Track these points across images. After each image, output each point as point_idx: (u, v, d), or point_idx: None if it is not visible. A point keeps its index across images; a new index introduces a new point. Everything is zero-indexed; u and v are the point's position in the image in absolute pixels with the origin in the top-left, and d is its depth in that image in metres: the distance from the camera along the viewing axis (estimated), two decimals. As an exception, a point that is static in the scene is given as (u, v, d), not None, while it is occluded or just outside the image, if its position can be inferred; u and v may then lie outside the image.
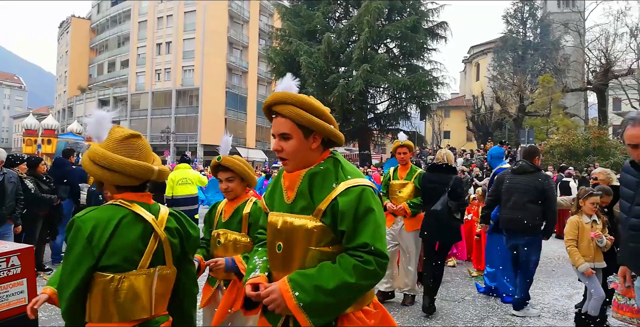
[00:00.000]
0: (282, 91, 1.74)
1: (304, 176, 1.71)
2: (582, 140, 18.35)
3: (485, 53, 49.80)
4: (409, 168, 5.13)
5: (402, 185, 5.06)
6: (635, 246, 2.30)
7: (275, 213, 1.78)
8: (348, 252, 1.62)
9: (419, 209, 4.92)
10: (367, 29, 23.36)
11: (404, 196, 5.01)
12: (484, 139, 31.38)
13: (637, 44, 28.55)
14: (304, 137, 1.71)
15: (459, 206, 4.76)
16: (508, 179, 4.96)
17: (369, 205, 1.62)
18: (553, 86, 29.15)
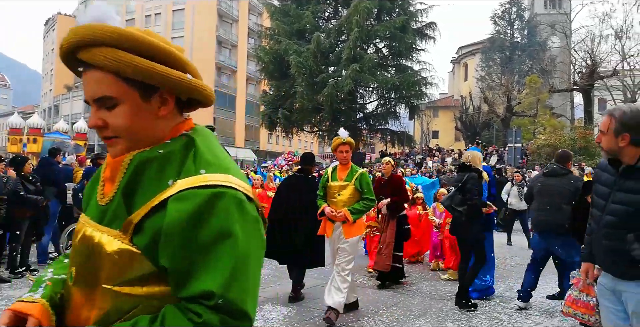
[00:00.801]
0: (90, 24, 1.03)
1: (130, 163, 1.02)
2: (569, 141, 18.60)
3: (474, 54, 50.18)
4: (349, 168, 4.68)
5: (341, 187, 4.61)
6: (609, 243, 2.33)
7: (82, 219, 1.14)
8: (180, 305, 0.93)
9: (361, 214, 4.54)
10: (356, 28, 23.41)
11: (343, 199, 4.57)
12: (472, 139, 31.62)
13: (621, 46, 29.00)
14: (142, 99, 1.02)
15: (465, 199, 4.93)
16: (540, 182, 5.11)
17: (222, 225, 0.92)
18: (540, 87, 29.48)
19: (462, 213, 4.95)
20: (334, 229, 4.58)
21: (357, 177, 4.58)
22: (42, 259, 7.12)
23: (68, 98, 54.27)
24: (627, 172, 2.26)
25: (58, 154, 7.86)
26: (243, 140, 50.10)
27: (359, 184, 4.55)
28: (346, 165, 4.70)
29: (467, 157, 5.29)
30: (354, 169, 4.65)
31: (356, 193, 4.56)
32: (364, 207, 4.49)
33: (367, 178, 4.60)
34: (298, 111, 26.06)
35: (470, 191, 4.92)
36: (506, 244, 9.54)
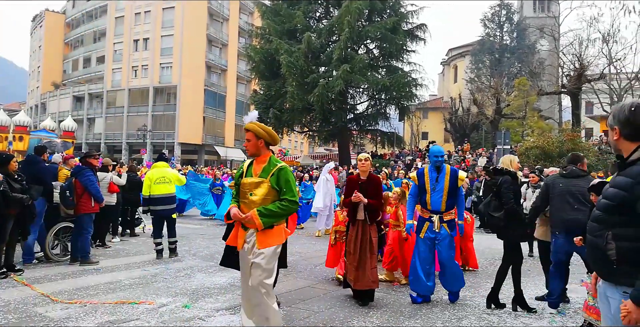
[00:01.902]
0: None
1: None
2: (557, 143, 18.76)
3: (463, 56, 50.54)
4: (266, 161, 3.73)
5: (255, 184, 3.66)
6: (592, 239, 2.33)
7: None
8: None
9: (274, 218, 3.58)
10: (347, 29, 23.40)
11: (256, 199, 3.61)
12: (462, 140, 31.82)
13: (608, 50, 29.40)
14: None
15: (502, 204, 4.97)
16: (562, 183, 5.09)
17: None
18: (528, 89, 29.77)
19: (500, 219, 4.95)
20: (246, 237, 3.68)
21: (274, 173, 3.65)
22: (27, 259, 7.00)
23: (55, 96, 53.60)
24: (621, 167, 2.29)
25: (44, 152, 7.75)
26: (233, 140, 49.88)
27: (275, 181, 3.63)
28: (263, 158, 3.77)
29: (503, 161, 5.31)
30: (273, 163, 3.71)
31: (274, 193, 3.63)
32: (280, 209, 3.55)
33: (287, 174, 3.67)
34: (288, 111, 25.99)
35: (505, 195, 4.92)
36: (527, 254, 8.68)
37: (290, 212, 3.71)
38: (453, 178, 5.29)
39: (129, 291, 5.65)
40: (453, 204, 5.36)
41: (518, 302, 5.16)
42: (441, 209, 5.26)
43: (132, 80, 46.85)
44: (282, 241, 3.71)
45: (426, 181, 5.35)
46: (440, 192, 5.27)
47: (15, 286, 5.74)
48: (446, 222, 5.29)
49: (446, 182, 5.27)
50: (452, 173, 5.32)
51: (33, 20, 62.17)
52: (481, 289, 6.12)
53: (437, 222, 5.26)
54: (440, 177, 5.30)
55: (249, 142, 3.74)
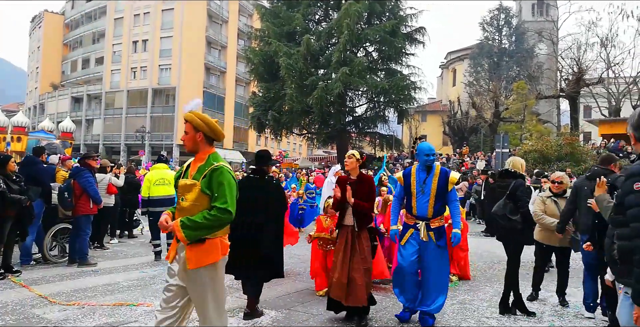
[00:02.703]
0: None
1: None
2: (555, 146, 18.81)
3: (462, 59, 50.64)
4: (204, 159, 3.05)
5: (187, 187, 3.00)
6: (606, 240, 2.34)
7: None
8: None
9: (200, 232, 2.84)
10: (346, 32, 23.43)
11: (186, 206, 2.96)
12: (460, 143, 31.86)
13: (607, 54, 29.50)
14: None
15: (518, 207, 4.94)
16: (586, 185, 5.02)
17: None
18: (527, 93, 29.84)
19: (518, 222, 4.93)
20: (178, 250, 3.00)
21: (206, 174, 2.96)
22: (25, 260, 6.98)
23: (54, 97, 53.52)
24: None
25: (43, 153, 7.73)
26: (231, 142, 49.84)
27: (206, 184, 2.94)
28: (201, 155, 3.10)
29: (509, 164, 5.24)
30: (209, 162, 3.03)
31: (205, 199, 2.95)
32: (206, 220, 2.82)
33: (222, 176, 2.95)
34: (287, 113, 25.98)
35: (522, 199, 4.92)
36: None
37: (222, 224, 2.91)
38: (443, 180, 4.59)
39: (127, 293, 5.62)
40: (442, 210, 4.68)
41: (517, 306, 5.16)
42: (428, 215, 4.58)
43: (131, 82, 46.81)
44: (218, 257, 2.94)
45: (412, 182, 4.67)
46: (427, 196, 4.58)
47: (13, 287, 5.71)
48: (433, 229, 4.59)
49: (434, 184, 4.57)
50: (442, 174, 4.62)
51: (32, 21, 62.12)
52: (480, 292, 6.12)
53: (423, 230, 4.58)
54: (428, 179, 4.60)
55: (186, 135, 3.12)
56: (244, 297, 5.47)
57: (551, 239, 5.56)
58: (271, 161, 4.95)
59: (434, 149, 4.75)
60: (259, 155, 4.94)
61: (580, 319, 5.03)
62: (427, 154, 4.63)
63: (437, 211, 4.61)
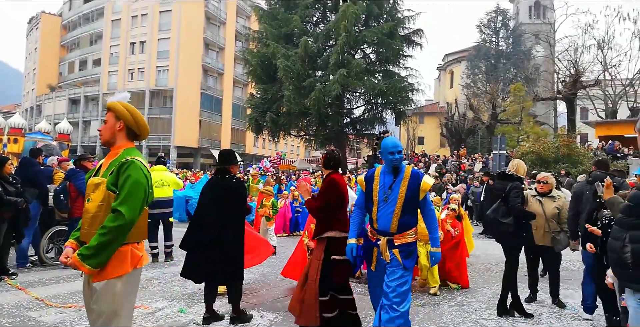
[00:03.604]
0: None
1: None
2: (552, 148, 18.83)
3: (459, 61, 50.75)
4: (117, 154, 2.70)
5: (94, 186, 2.63)
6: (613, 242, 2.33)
7: None
8: None
9: (109, 249, 2.48)
10: (344, 34, 23.43)
11: (90, 208, 2.59)
12: (458, 145, 31.88)
13: (603, 56, 29.62)
14: None
15: (509, 210, 4.95)
16: (587, 190, 5.07)
17: None
18: (524, 95, 29.91)
19: (509, 224, 4.94)
20: None
21: (114, 170, 2.59)
22: (21, 262, 6.95)
23: (51, 98, 53.40)
24: None
25: (39, 155, 7.70)
26: (229, 144, 49.78)
27: (112, 180, 2.57)
28: (116, 149, 2.74)
29: (512, 167, 5.24)
30: (122, 156, 2.66)
31: (113, 197, 2.56)
32: (105, 236, 2.44)
33: (129, 170, 2.56)
34: (285, 115, 25.95)
35: (513, 199, 4.91)
36: None
37: (123, 231, 2.47)
38: (413, 185, 3.57)
39: (124, 295, 5.59)
40: (412, 223, 3.61)
41: (515, 308, 5.15)
42: (391, 229, 3.54)
43: (129, 83, 46.74)
44: (127, 269, 2.52)
45: (375, 187, 3.65)
46: (392, 205, 3.55)
47: (9, 290, 5.68)
48: (398, 247, 3.53)
49: (402, 190, 3.56)
50: (413, 178, 3.60)
51: (29, 23, 62.00)
52: (478, 294, 6.12)
53: (383, 247, 3.56)
54: (395, 184, 3.60)
55: (104, 124, 2.75)
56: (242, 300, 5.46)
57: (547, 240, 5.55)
58: (234, 161, 4.80)
59: (400, 145, 3.71)
60: (221, 155, 4.83)
61: (579, 320, 5.03)
62: (391, 152, 3.62)
63: (403, 225, 3.54)
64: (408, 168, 3.70)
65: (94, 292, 2.52)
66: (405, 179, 3.60)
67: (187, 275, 4.56)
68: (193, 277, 4.58)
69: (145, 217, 2.71)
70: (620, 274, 2.30)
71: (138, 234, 2.65)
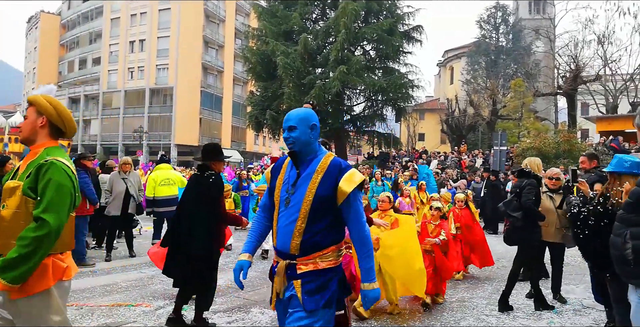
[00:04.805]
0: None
1: None
2: (553, 144, 18.82)
3: (459, 57, 50.66)
4: (37, 154, 2.37)
5: (9, 190, 2.30)
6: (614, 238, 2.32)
7: None
8: None
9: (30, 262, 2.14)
10: (343, 30, 23.39)
11: (6, 215, 2.27)
12: (458, 141, 31.86)
13: (604, 51, 29.55)
14: None
15: (520, 205, 4.97)
16: None
17: None
18: (524, 90, 29.87)
19: (517, 219, 4.97)
20: None
21: (32, 172, 2.28)
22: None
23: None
24: None
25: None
26: (229, 141, 49.82)
27: (31, 183, 2.26)
28: (36, 148, 2.42)
29: (526, 164, 5.29)
30: (42, 156, 2.34)
31: (32, 204, 2.25)
32: (25, 248, 2.13)
33: (49, 173, 2.26)
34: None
35: (526, 195, 4.93)
36: None
37: (48, 241, 2.16)
38: (328, 181, 2.32)
39: (126, 294, 5.61)
40: (327, 240, 2.34)
41: (503, 302, 5.17)
42: (290, 249, 2.32)
43: (128, 82, 46.72)
44: (49, 283, 2.25)
45: (278, 183, 2.46)
46: (295, 211, 2.33)
47: (11, 288, 5.68)
48: (302, 277, 2.31)
49: (310, 190, 2.32)
50: (330, 172, 2.35)
51: (28, 22, 61.92)
52: (479, 290, 6.12)
53: (279, 276, 2.36)
54: (302, 180, 2.37)
55: (25, 120, 2.46)
56: (242, 296, 5.48)
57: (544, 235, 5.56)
58: (218, 157, 4.45)
59: (297, 117, 2.39)
60: (204, 149, 4.42)
61: (579, 316, 5.03)
62: (290, 128, 2.38)
63: (312, 243, 2.30)
64: (326, 157, 2.40)
65: (13, 307, 2.23)
66: (318, 174, 2.33)
67: (167, 273, 4.51)
68: (171, 275, 4.53)
69: (72, 225, 2.41)
70: (622, 271, 2.30)
71: (63, 245, 2.34)
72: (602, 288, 4.20)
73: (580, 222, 3.74)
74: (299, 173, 2.40)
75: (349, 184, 2.31)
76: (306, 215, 2.31)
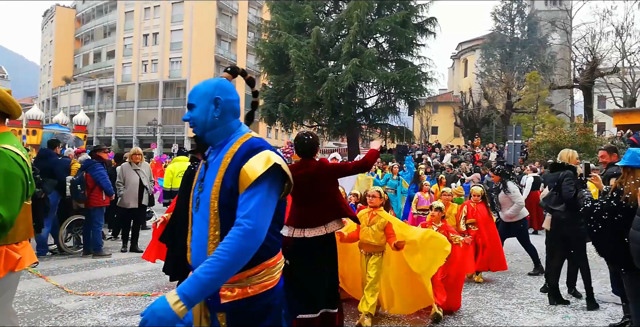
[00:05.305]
0: None
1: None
2: (569, 137, 18.56)
3: (474, 49, 50.04)
4: None
5: None
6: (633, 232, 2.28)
7: None
8: None
9: None
10: (356, 23, 23.24)
11: None
12: (472, 135, 31.61)
13: (622, 43, 28.98)
14: None
15: (562, 198, 4.91)
16: None
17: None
18: (540, 83, 29.45)
19: (560, 212, 4.95)
20: None
21: None
22: (40, 251, 7.09)
23: (67, 90, 54.03)
24: None
25: (57, 146, 7.82)
26: (242, 135, 49.93)
27: None
28: None
29: (561, 156, 5.23)
30: None
31: None
32: None
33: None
34: (297, 106, 25.91)
35: (565, 187, 4.88)
36: None
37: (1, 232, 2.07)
38: (233, 168, 1.72)
39: (142, 283, 5.70)
40: (262, 253, 1.72)
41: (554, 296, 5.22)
42: None
43: (142, 75, 47.05)
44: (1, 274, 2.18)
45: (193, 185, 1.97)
46: (204, 214, 1.78)
47: (31, 277, 5.81)
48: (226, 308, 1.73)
49: (217, 182, 1.75)
50: (236, 156, 1.75)
51: (44, 16, 62.60)
52: (493, 284, 6.10)
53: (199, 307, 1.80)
54: (210, 172, 1.84)
55: None
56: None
57: None
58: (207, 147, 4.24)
59: (199, 91, 1.91)
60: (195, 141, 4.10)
61: (595, 310, 4.99)
62: (189, 106, 1.93)
63: None
64: (241, 139, 1.84)
65: None
66: (225, 162, 1.76)
67: (165, 270, 4.55)
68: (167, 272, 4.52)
69: (27, 213, 2.31)
70: None
71: (17, 234, 2.24)
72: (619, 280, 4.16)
73: (593, 217, 3.70)
74: (207, 164, 1.85)
75: (254, 169, 1.65)
76: (217, 218, 1.72)
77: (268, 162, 1.69)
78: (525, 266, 7.10)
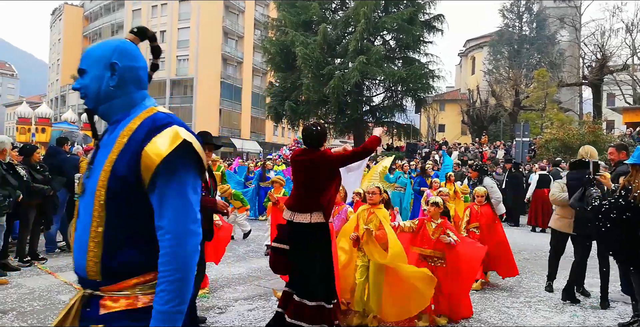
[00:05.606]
0: None
1: None
2: (577, 135, 18.40)
3: (481, 47, 49.73)
4: None
5: None
6: None
7: None
8: None
9: None
10: (363, 20, 23.20)
11: None
12: (479, 132, 31.44)
13: (632, 40, 28.68)
14: None
15: None
16: None
17: None
18: (548, 81, 29.22)
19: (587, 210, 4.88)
20: None
21: None
22: (50, 248, 7.16)
23: (74, 88, 54.43)
24: None
25: (66, 144, 7.87)
26: (249, 132, 50.07)
27: None
28: None
29: (584, 154, 5.13)
30: None
31: None
32: None
33: None
34: (304, 103, 25.94)
35: None
36: None
37: None
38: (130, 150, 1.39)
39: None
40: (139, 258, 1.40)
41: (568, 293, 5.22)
42: (87, 272, 1.45)
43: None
44: None
45: None
46: (88, 206, 1.43)
47: (40, 274, 5.87)
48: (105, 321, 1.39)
49: (106, 167, 1.40)
50: (135, 136, 1.41)
51: (52, 14, 63.04)
52: (500, 281, 6.08)
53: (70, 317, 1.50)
54: (100, 154, 1.48)
55: None
56: (263, 285, 5.55)
57: (566, 227, 5.41)
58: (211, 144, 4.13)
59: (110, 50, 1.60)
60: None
61: (604, 309, 4.96)
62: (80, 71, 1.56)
63: (123, 260, 1.41)
64: (143, 114, 1.50)
65: None
66: (119, 142, 1.44)
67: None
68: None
69: None
70: None
71: None
72: (628, 279, 4.13)
73: (601, 215, 3.67)
74: (98, 145, 1.53)
75: (159, 149, 1.35)
76: (102, 212, 1.40)
77: (176, 139, 1.36)
78: (533, 264, 7.08)
